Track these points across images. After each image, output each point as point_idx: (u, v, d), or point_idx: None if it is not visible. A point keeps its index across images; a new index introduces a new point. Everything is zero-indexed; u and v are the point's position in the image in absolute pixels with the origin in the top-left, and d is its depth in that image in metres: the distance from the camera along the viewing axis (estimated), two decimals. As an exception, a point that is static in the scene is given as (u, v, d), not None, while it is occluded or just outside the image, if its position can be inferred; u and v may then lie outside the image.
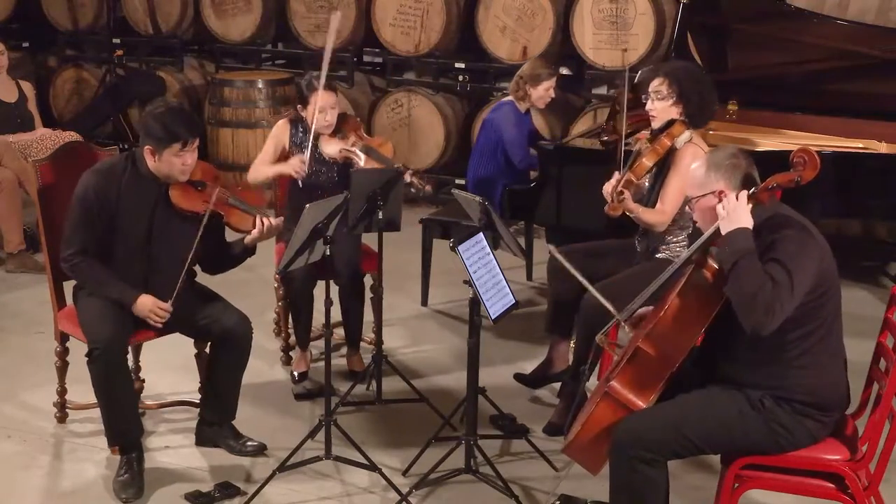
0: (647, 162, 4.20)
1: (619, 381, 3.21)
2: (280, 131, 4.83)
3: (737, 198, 3.09)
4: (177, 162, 3.88)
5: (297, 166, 4.64)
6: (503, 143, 5.51)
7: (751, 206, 3.11)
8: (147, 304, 3.92)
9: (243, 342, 4.07)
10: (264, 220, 4.03)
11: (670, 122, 4.24)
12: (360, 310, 4.84)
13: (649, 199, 4.34)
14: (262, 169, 4.82)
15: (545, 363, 4.70)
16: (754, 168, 3.21)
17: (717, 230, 3.14)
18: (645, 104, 4.40)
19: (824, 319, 3.12)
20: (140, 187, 3.95)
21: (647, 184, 4.36)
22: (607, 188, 4.24)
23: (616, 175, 4.34)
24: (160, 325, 3.95)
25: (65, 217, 3.98)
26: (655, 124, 4.31)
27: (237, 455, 4.16)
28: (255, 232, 4.04)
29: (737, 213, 3.07)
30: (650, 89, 4.34)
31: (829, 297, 3.12)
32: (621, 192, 4.14)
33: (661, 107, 4.30)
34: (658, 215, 4.25)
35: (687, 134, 4.23)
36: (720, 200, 3.15)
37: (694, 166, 3.28)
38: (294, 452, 3.97)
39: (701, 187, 3.20)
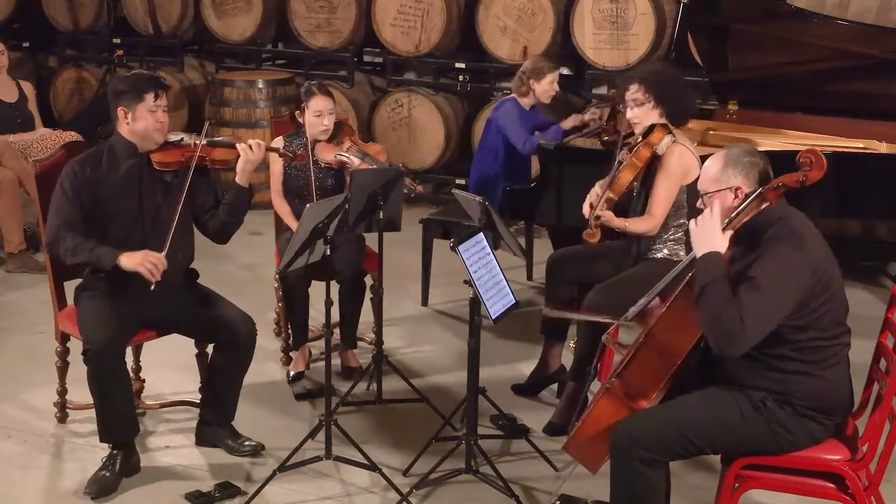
0: (627, 177, 4.16)
1: (622, 379, 3.21)
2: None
3: (710, 212, 3.11)
4: (151, 118, 3.92)
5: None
6: (504, 138, 5.50)
7: (762, 205, 3.11)
8: (135, 258, 3.83)
9: (247, 344, 4.07)
10: (248, 142, 4.06)
11: (650, 129, 4.22)
12: (359, 308, 4.84)
13: (637, 205, 4.32)
14: (283, 208, 4.89)
15: (540, 365, 4.71)
16: (769, 166, 3.20)
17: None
18: (625, 113, 4.40)
19: (825, 329, 3.11)
20: (120, 166, 3.97)
21: (634, 192, 4.34)
22: (585, 209, 4.22)
23: (597, 189, 4.31)
24: (156, 278, 3.81)
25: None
26: (638, 130, 4.30)
27: (235, 455, 4.16)
28: (241, 160, 4.04)
29: (710, 234, 3.09)
30: (627, 98, 4.32)
31: (829, 308, 3.10)
32: (598, 217, 4.11)
33: (641, 113, 4.29)
34: (647, 222, 4.22)
35: (668, 138, 4.19)
36: (737, 197, 3.15)
37: (708, 162, 3.26)
38: (294, 452, 3.97)
39: (717, 183, 3.18)
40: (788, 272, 3.02)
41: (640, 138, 4.23)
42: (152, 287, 3.83)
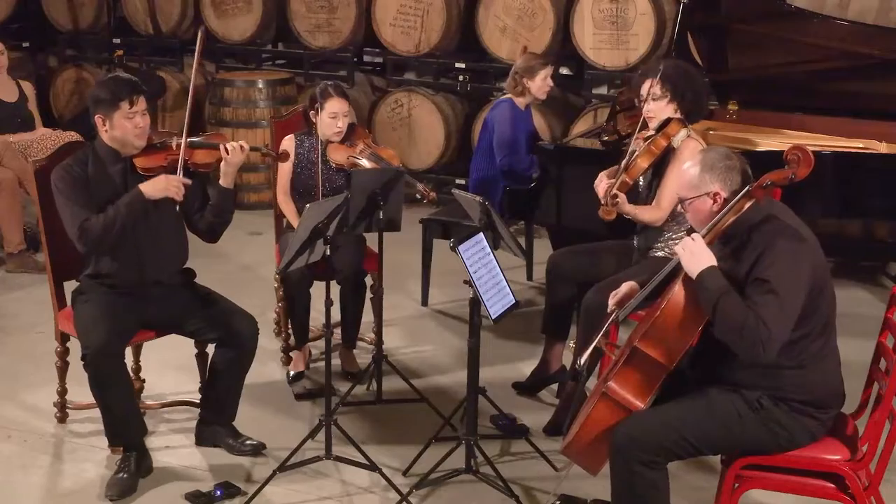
0: (643, 163, 4.19)
1: (617, 382, 3.21)
2: (286, 147, 4.83)
3: (692, 237, 3.11)
4: (129, 125, 3.89)
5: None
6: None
7: (749, 203, 3.11)
8: (159, 185, 3.88)
9: (249, 344, 4.07)
10: (227, 145, 4.03)
11: (666, 122, 4.24)
12: (360, 309, 4.84)
13: (647, 196, 4.34)
14: (288, 207, 4.86)
15: (541, 365, 4.71)
16: (747, 165, 3.21)
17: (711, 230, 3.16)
18: (641, 108, 4.41)
19: (820, 320, 3.12)
20: (105, 170, 3.96)
21: (642, 181, 4.35)
22: (600, 189, 4.23)
23: (604, 176, 4.33)
24: (181, 197, 3.89)
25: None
26: (653, 125, 4.32)
27: (236, 454, 4.16)
28: (222, 163, 4.02)
29: (698, 253, 3.09)
30: (644, 91, 4.34)
31: (824, 298, 3.12)
32: (615, 196, 4.13)
33: (656, 107, 4.31)
34: (655, 212, 4.25)
35: (684, 132, 4.23)
36: (715, 202, 3.16)
37: (686, 166, 3.27)
38: (294, 452, 3.97)
39: (695, 189, 3.20)
40: (797, 267, 3.03)
41: (655, 132, 4.24)
42: (177, 208, 3.91)
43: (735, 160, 3.20)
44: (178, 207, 3.94)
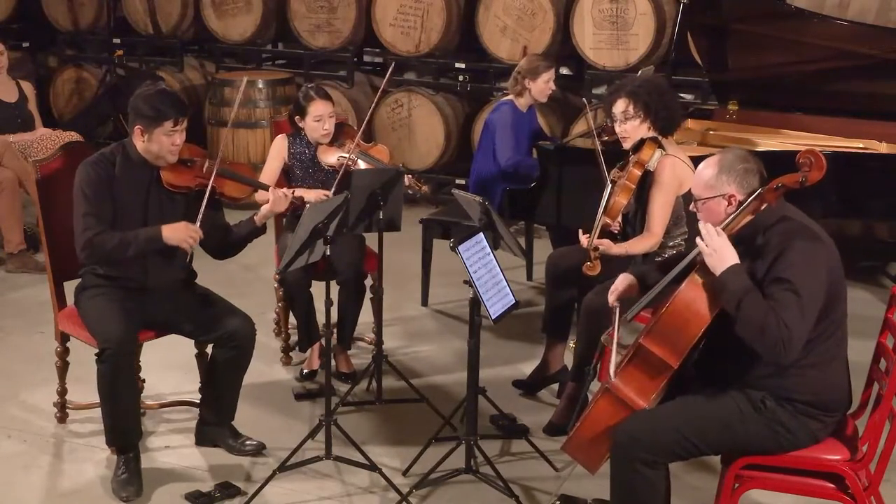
0: (622, 200, 4.10)
1: (621, 380, 3.21)
2: (279, 147, 4.84)
3: (715, 231, 3.08)
4: (166, 141, 3.91)
5: (318, 197, 4.61)
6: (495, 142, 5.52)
7: (762, 207, 3.11)
8: (178, 233, 3.90)
9: (247, 344, 4.07)
10: (282, 192, 4.07)
11: (639, 144, 4.19)
12: (358, 310, 4.82)
13: (635, 224, 4.30)
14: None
15: (541, 365, 4.71)
16: (763, 169, 3.20)
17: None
18: (613, 128, 4.36)
19: (831, 323, 3.12)
20: (132, 174, 3.97)
21: (630, 213, 4.30)
22: (583, 242, 4.09)
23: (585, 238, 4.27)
24: (191, 248, 3.94)
25: (65, 217, 3.98)
26: (627, 145, 4.26)
27: (236, 454, 4.16)
28: (267, 207, 4.07)
29: (722, 250, 3.06)
30: (616, 112, 4.27)
31: (838, 301, 3.12)
32: (596, 248, 4.01)
33: (630, 127, 4.24)
34: (648, 240, 4.19)
35: (658, 153, 4.16)
36: (730, 204, 3.15)
37: (702, 166, 3.25)
38: (294, 452, 3.97)
39: (710, 189, 3.17)
40: (816, 266, 3.03)
41: (631, 153, 4.21)
42: (187, 259, 3.95)
43: (752, 163, 3.17)
44: (187, 259, 4.00)
